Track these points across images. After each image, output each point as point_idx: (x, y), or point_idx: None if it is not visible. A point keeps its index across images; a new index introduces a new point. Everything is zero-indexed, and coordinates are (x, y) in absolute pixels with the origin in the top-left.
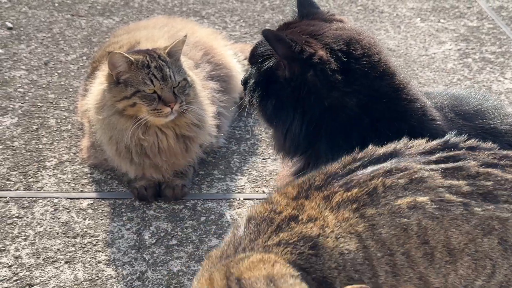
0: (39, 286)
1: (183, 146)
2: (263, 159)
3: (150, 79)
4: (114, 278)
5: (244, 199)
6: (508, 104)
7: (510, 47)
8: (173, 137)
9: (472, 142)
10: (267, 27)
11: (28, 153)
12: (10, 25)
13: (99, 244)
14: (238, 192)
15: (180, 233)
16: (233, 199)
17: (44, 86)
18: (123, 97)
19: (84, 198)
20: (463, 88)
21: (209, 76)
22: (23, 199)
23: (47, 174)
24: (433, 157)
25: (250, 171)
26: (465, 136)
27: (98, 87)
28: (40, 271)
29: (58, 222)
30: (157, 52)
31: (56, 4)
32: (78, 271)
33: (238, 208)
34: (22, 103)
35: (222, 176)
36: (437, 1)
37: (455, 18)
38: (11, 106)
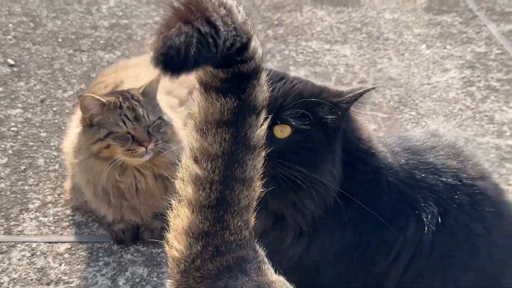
0: None
1: (162, 187)
2: None
3: (122, 120)
4: None
5: None
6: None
7: None
8: (152, 177)
9: None
10: (267, 59)
11: (13, 195)
12: (12, 62)
13: None
14: None
15: (155, 279)
16: None
17: (37, 124)
18: (97, 139)
19: (63, 242)
20: (463, 119)
21: None
22: (2, 243)
23: (29, 217)
24: None
25: None
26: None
27: (74, 130)
28: None
29: (34, 268)
30: (130, 92)
31: (60, 40)
32: None
33: None
34: (14, 143)
35: None
36: (445, 26)
37: (462, 44)
38: (3, 146)
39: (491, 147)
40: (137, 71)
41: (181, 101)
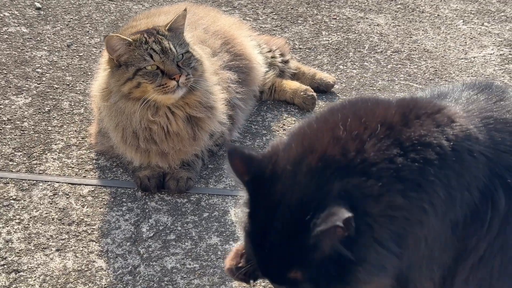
0: (26, 272)
1: (191, 132)
2: None
3: (149, 54)
4: (104, 271)
5: None
6: None
7: None
8: (183, 118)
9: None
10: (300, 21)
11: (36, 135)
12: (39, 5)
13: (93, 234)
14: None
15: (179, 228)
16: (240, 196)
17: (63, 68)
18: (126, 79)
19: (86, 185)
20: None
21: (227, 66)
22: (23, 181)
23: (52, 157)
24: None
25: None
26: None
27: (102, 73)
28: (29, 257)
29: (55, 207)
30: (156, 29)
31: None
32: (68, 260)
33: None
34: (38, 84)
35: None
36: (482, 3)
37: (500, 22)
38: (27, 86)
39: None
40: (170, 18)
41: (214, 52)
